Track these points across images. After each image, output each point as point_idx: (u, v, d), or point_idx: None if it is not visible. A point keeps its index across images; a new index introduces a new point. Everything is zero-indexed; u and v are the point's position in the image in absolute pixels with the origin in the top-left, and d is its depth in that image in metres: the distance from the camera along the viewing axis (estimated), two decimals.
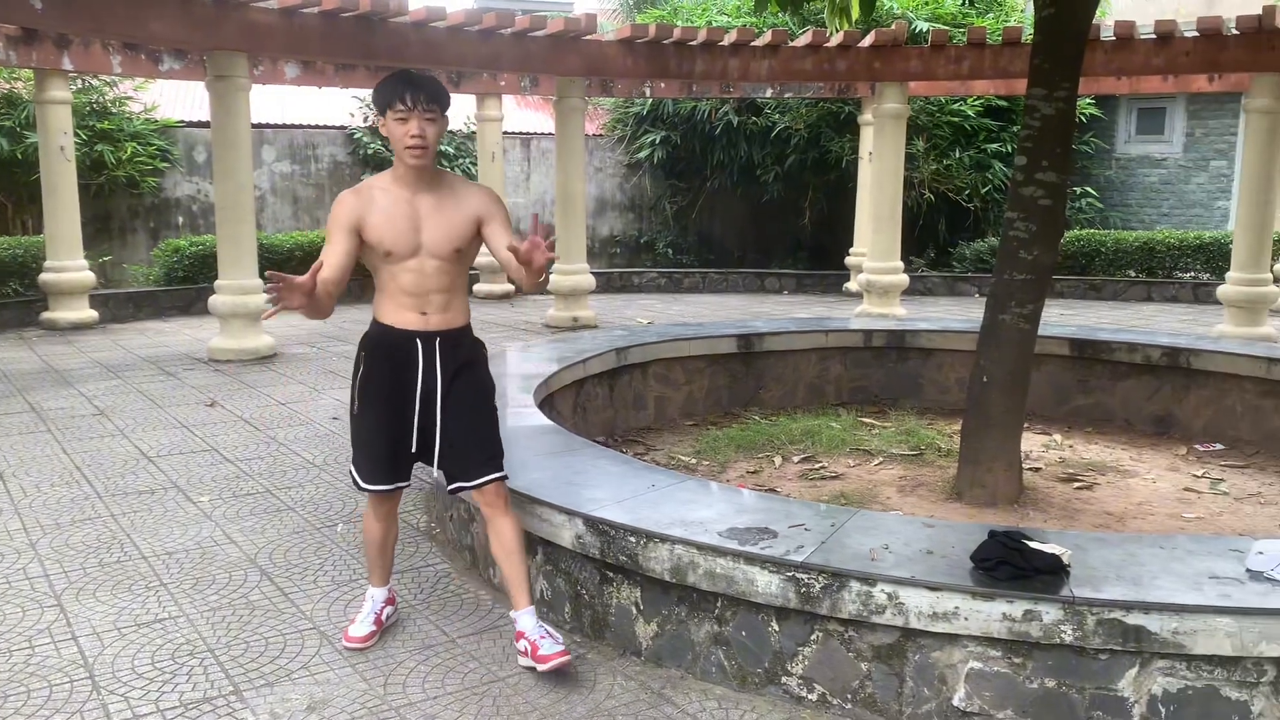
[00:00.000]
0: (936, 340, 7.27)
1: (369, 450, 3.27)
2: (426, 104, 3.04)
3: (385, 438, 3.23)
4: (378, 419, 3.22)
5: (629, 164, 17.41)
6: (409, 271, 3.14)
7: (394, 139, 3.08)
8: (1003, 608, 2.64)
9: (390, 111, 3.05)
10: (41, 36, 9.44)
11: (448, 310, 3.21)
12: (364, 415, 3.26)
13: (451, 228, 3.16)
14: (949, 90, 12.89)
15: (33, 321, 10.77)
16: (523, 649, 3.17)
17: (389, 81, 3.09)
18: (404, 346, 3.19)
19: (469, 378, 3.25)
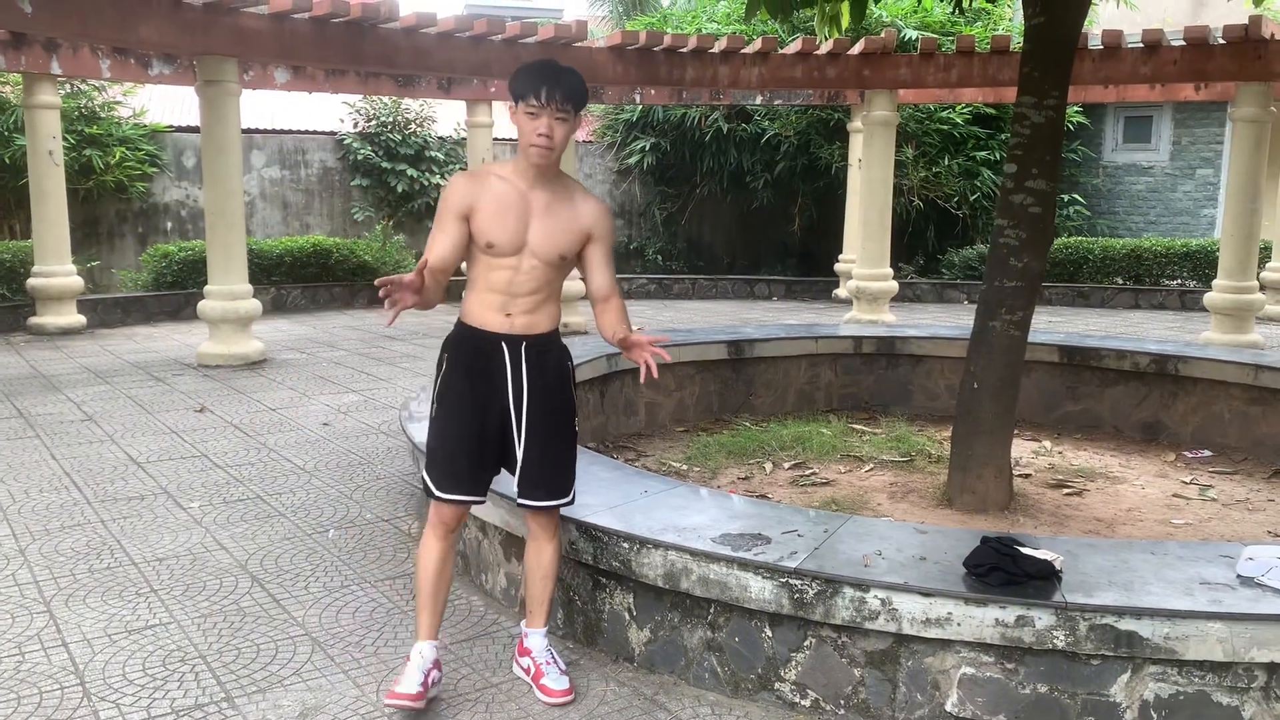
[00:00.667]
0: (926, 347, 7.29)
1: (446, 456, 3.01)
2: (561, 103, 2.87)
3: (465, 445, 3.00)
4: (458, 424, 3.00)
5: (619, 170, 17.46)
6: (505, 269, 2.97)
7: (521, 132, 2.91)
8: (995, 613, 2.65)
9: (523, 103, 2.88)
10: (30, 40, 9.41)
11: (535, 313, 3.02)
12: (443, 419, 3.03)
13: (561, 232, 3.00)
14: (938, 98, 12.96)
15: (20, 327, 10.72)
16: (526, 666, 3.14)
17: (528, 72, 2.91)
18: (487, 349, 3.00)
19: (557, 395, 3.10)
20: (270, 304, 12.22)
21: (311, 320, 12.12)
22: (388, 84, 11.92)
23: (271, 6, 8.19)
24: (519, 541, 3.57)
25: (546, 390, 3.05)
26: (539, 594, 3.16)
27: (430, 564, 3.04)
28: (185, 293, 12.05)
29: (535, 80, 2.88)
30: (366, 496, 5.09)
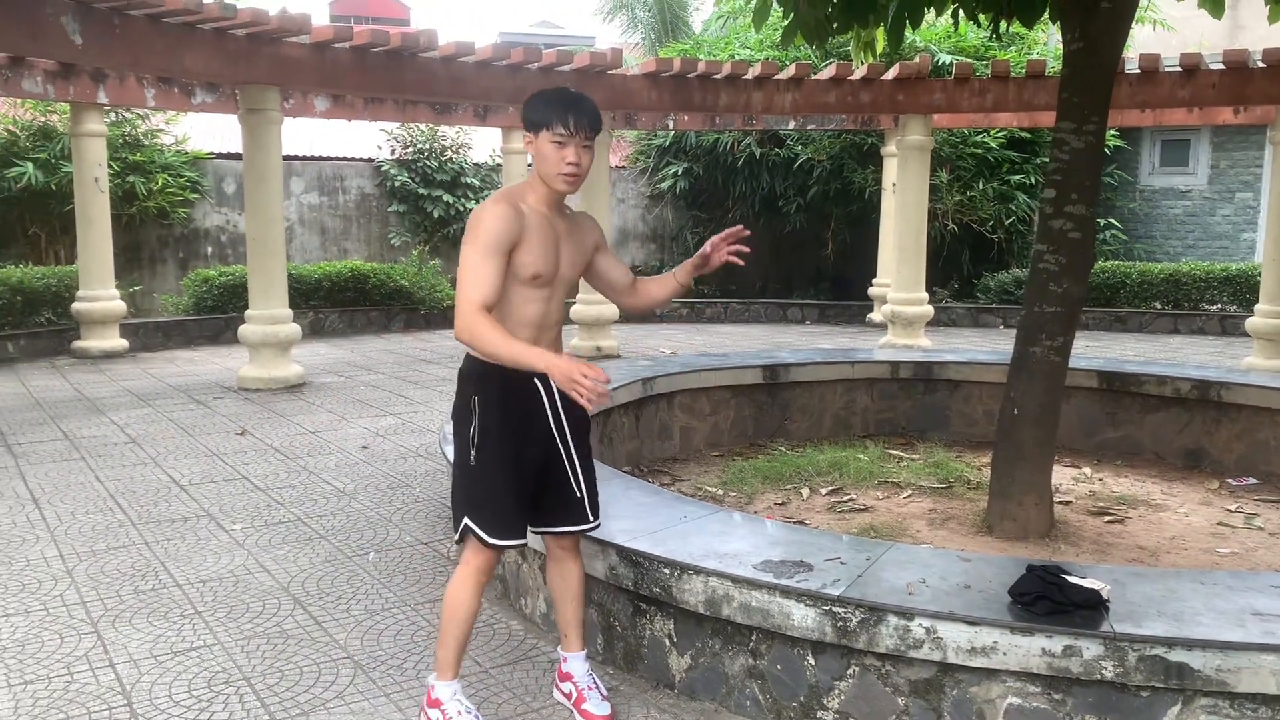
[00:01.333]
0: (964, 372, 7.25)
1: (496, 502, 2.90)
2: (588, 130, 2.85)
3: (512, 488, 2.92)
4: (503, 469, 2.90)
5: (651, 195, 17.54)
6: (540, 300, 2.92)
7: (544, 161, 2.86)
8: (1042, 643, 2.63)
9: (547, 131, 2.83)
10: (78, 71, 9.63)
11: (557, 343, 3.01)
12: (486, 465, 2.90)
13: (579, 255, 3.04)
14: (972, 122, 12.94)
15: (65, 350, 10.91)
16: (567, 691, 3.13)
17: (550, 101, 2.86)
18: (522, 387, 2.92)
19: (584, 421, 3.07)
20: (308, 328, 12.36)
21: (349, 344, 12.24)
22: (425, 111, 12.07)
23: (313, 36, 8.33)
24: None
25: (578, 419, 3.03)
26: (573, 616, 3.15)
27: (471, 608, 2.95)
28: (225, 317, 12.22)
29: (561, 109, 2.84)
30: (405, 519, 5.13)
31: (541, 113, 2.85)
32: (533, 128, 2.88)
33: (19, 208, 12.88)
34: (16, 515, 5.12)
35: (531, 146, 2.91)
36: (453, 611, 2.94)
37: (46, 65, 9.40)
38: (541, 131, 2.85)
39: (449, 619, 2.95)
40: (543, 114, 2.85)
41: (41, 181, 12.51)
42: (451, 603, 2.94)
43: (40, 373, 9.77)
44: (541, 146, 2.86)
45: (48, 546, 4.64)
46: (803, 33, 5.44)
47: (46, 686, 3.28)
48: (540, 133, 2.86)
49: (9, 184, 12.50)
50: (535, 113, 2.87)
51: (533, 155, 2.91)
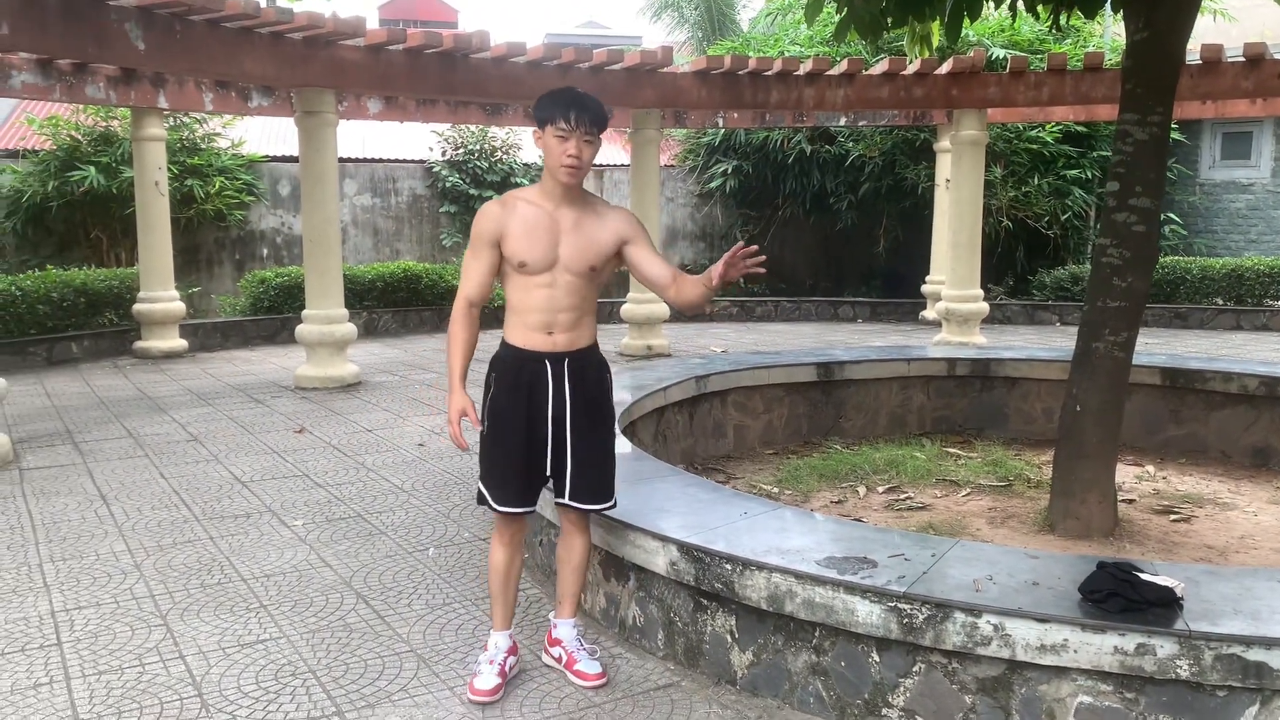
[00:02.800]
0: (1022, 369, 7.15)
1: (500, 472, 3.19)
2: (589, 126, 3.05)
3: (516, 459, 3.17)
4: (508, 441, 3.17)
5: (700, 193, 17.51)
6: (541, 287, 3.13)
7: (549, 154, 3.07)
8: (1114, 640, 2.58)
9: (551, 127, 3.04)
10: (139, 76, 9.83)
11: (574, 329, 3.19)
12: (494, 437, 3.19)
13: (591, 244, 3.16)
14: (1027, 117, 12.74)
15: (126, 350, 11.14)
16: (557, 655, 3.37)
17: (555, 98, 3.08)
18: (532, 368, 3.17)
19: (597, 404, 3.26)
20: (362, 328, 12.49)
21: (402, 344, 12.36)
22: (476, 112, 12.15)
23: (368, 39, 8.42)
24: (617, 561, 3.59)
25: (589, 403, 3.23)
26: (571, 586, 3.38)
27: (500, 565, 3.29)
28: (281, 317, 12.41)
29: (563, 105, 3.04)
30: (463, 515, 5.17)
31: (548, 109, 3.07)
32: (540, 123, 3.09)
33: (81, 211, 13.18)
34: (85, 511, 5.23)
35: (540, 142, 3.12)
36: (493, 575, 3.31)
37: (109, 71, 9.60)
38: (547, 126, 3.06)
39: (492, 583, 3.33)
40: (549, 110, 3.06)
41: (103, 185, 12.79)
42: (490, 567, 3.32)
43: (103, 372, 9.99)
44: (547, 140, 3.08)
45: (116, 541, 4.74)
46: (856, 28, 5.39)
47: (119, 677, 3.35)
48: (546, 127, 3.07)
49: (72, 188, 12.80)
50: (543, 110, 3.09)
51: (541, 149, 3.13)
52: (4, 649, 3.56)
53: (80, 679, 3.33)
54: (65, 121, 13.35)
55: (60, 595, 4.06)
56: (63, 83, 9.32)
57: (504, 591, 3.30)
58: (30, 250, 13.25)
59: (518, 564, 3.33)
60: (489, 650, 3.29)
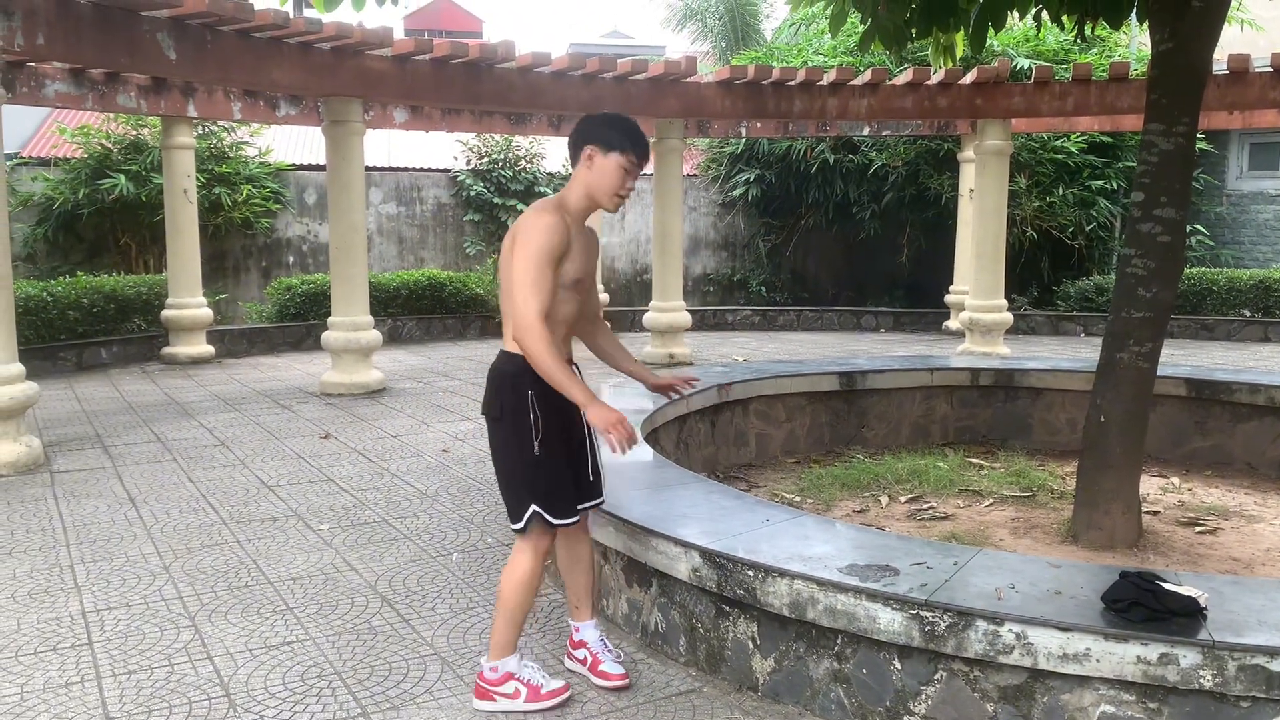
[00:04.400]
0: (1047, 379, 7.12)
1: (560, 488, 3.14)
2: (643, 167, 3.19)
3: (568, 474, 3.20)
4: (561, 459, 3.15)
5: (723, 203, 17.54)
6: (575, 302, 3.18)
7: (605, 178, 3.08)
8: (1137, 650, 2.58)
9: (619, 155, 3.07)
10: (169, 85, 9.97)
11: (568, 340, 3.31)
12: (550, 458, 3.10)
13: (594, 262, 3.31)
14: (1052, 127, 12.71)
15: (154, 356, 11.28)
16: (582, 658, 3.37)
17: (630, 130, 3.11)
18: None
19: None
20: (387, 335, 12.59)
21: (426, 351, 12.45)
22: (501, 122, 12.24)
23: (395, 49, 8.52)
24: (639, 567, 3.62)
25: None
26: (585, 586, 3.40)
27: (538, 587, 3.22)
28: (307, 324, 12.52)
29: (639, 141, 3.10)
30: (486, 521, 5.20)
31: (619, 139, 3.08)
32: (605, 145, 3.08)
33: (111, 218, 13.36)
34: (115, 514, 5.31)
35: (591, 161, 3.10)
36: (525, 594, 3.16)
37: (140, 80, 9.74)
38: (613, 153, 3.07)
39: (518, 601, 3.16)
40: (620, 140, 3.08)
41: (132, 193, 12.96)
42: (521, 586, 3.15)
43: (131, 377, 10.11)
44: (608, 165, 3.08)
45: (145, 544, 4.80)
46: (881, 38, 5.42)
47: (149, 676, 3.40)
48: (611, 153, 3.07)
49: (102, 195, 12.97)
50: (613, 135, 3.09)
51: (590, 169, 3.10)
52: (37, 648, 3.62)
53: (111, 678, 3.39)
54: (96, 130, 13.54)
55: (91, 596, 4.13)
56: (95, 92, 9.47)
57: (527, 616, 3.26)
58: (61, 257, 13.44)
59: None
60: (531, 667, 3.22)
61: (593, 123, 3.14)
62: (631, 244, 17.24)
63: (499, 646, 3.18)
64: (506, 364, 3.12)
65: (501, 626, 3.17)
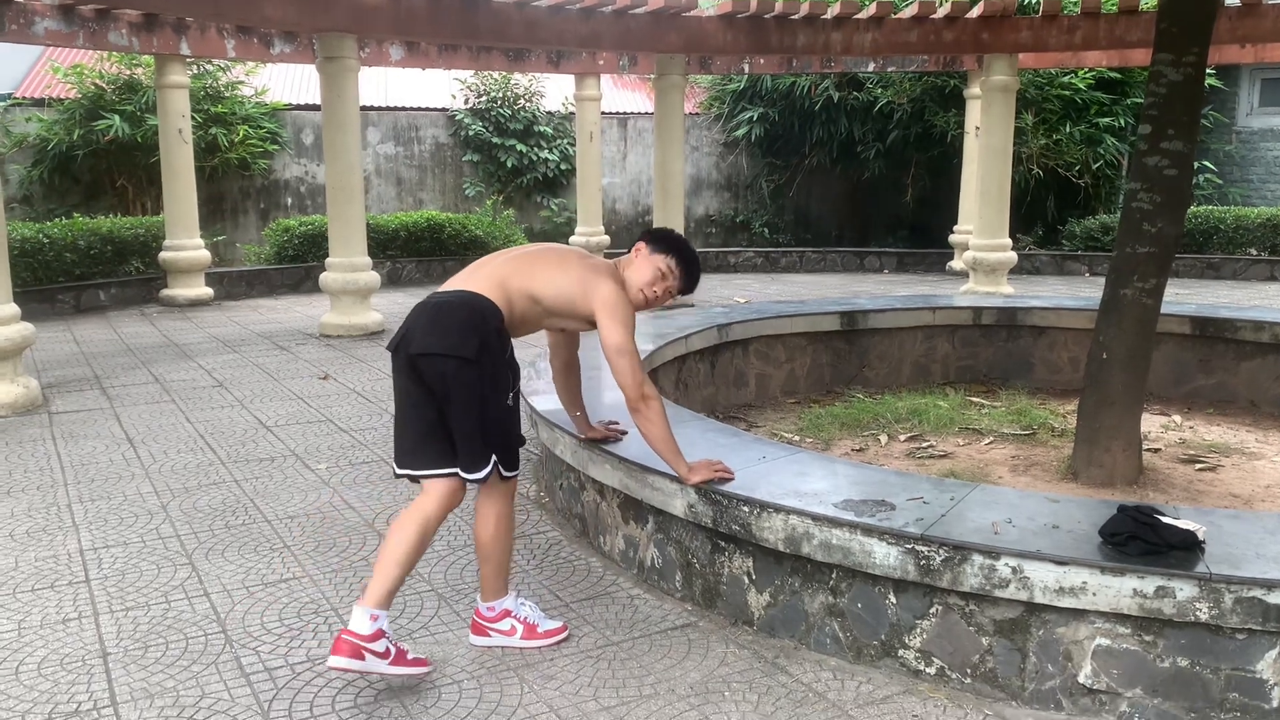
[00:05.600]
0: (1049, 318, 7.07)
1: (517, 441, 3.11)
2: (682, 288, 3.30)
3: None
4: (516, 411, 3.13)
5: (725, 142, 17.32)
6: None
7: (642, 273, 3.21)
8: (1133, 583, 2.56)
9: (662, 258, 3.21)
10: (161, 22, 9.79)
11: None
12: (515, 407, 3.09)
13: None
14: (1060, 62, 12.48)
15: (153, 298, 11.23)
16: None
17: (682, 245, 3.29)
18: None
19: None
20: (386, 277, 12.52)
21: (425, 293, 12.30)
22: (499, 59, 12.04)
23: None
24: (636, 504, 3.60)
25: None
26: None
27: (511, 529, 3.19)
28: (306, 266, 12.44)
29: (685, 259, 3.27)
30: None
31: (668, 247, 3.25)
32: (653, 246, 3.25)
33: (107, 159, 13.23)
34: (114, 454, 5.30)
35: (638, 253, 3.26)
36: (502, 540, 3.13)
37: (131, 17, 9.57)
38: (658, 254, 3.23)
39: (498, 549, 3.13)
40: (667, 247, 3.24)
41: (128, 134, 12.81)
42: (497, 535, 3.11)
43: (130, 320, 10.08)
44: (649, 261, 3.23)
45: (143, 483, 4.80)
46: None
47: (146, 613, 3.40)
48: (656, 254, 3.23)
49: (97, 136, 12.83)
50: (665, 243, 3.26)
51: (634, 259, 3.26)
52: (34, 585, 3.63)
53: (108, 614, 3.39)
54: (90, 70, 13.34)
55: (89, 534, 4.13)
56: (85, 29, 9.30)
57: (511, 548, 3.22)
58: (57, 199, 13.33)
59: None
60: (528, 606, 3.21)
61: (657, 231, 3.35)
62: (633, 184, 17.07)
63: (490, 590, 3.16)
64: (484, 303, 3.00)
65: (489, 574, 3.15)
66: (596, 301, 3.07)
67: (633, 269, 3.22)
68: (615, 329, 3.05)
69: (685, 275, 3.26)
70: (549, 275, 3.12)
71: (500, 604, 3.16)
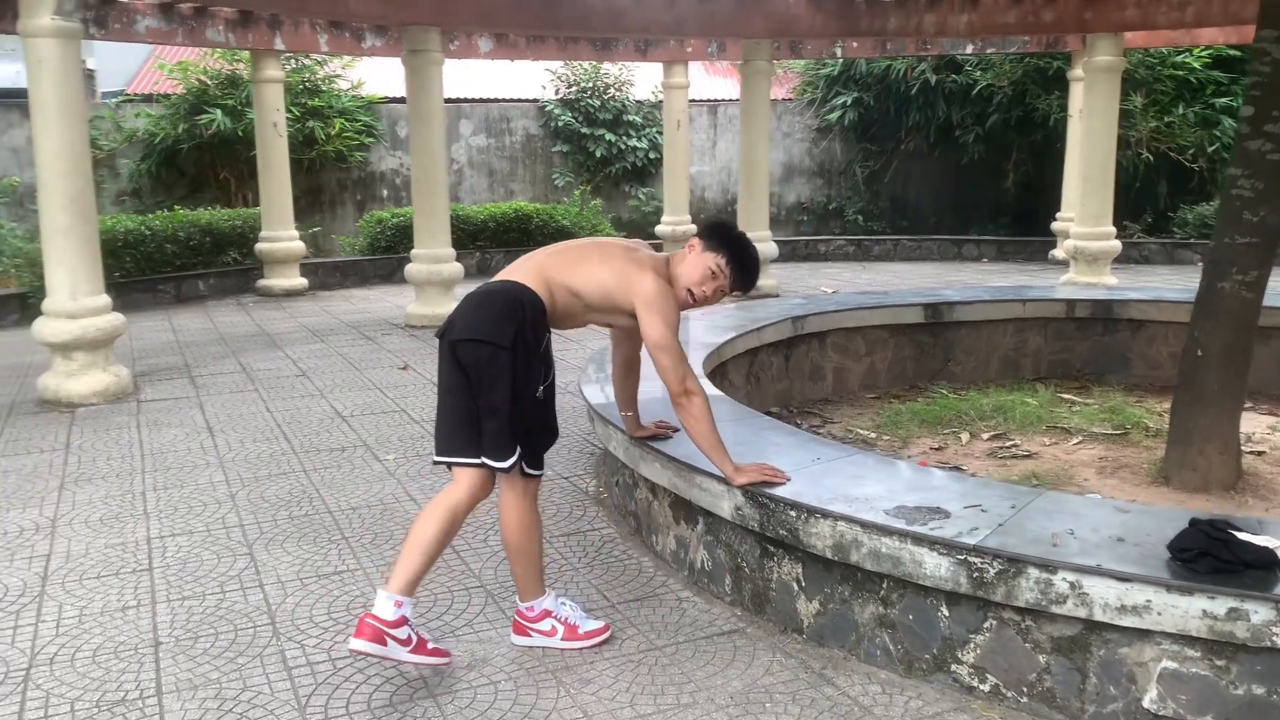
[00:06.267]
0: (1148, 311, 6.71)
1: (544, 438, 3.08)
2: (739, 289, 3.16)
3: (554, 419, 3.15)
4: (547, 409, 3.06)
5: (818, 128, 17.01)
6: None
7: (692, 269, 3.08)
8: (1203, 604, 2.37)
9: (713, 256, 3.07)
10: (255, 18, 10.03)
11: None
12: (546, 402, 3.02)
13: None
14: (1171, 41, 11.87)
15: (250, 288, 11.55)
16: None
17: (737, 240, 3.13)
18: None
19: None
20: (475, 268, 12.61)
21: None
22: (586, 48, 12.01)
23: None
24: (686, 504, 3.51)
25: None
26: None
27: (536, 523, 3.11)
28: (398, 256, 12.62)
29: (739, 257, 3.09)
30: (550, 455, 5.10)
31: (721, 244, 3.09)
32: (706, 242, 3.10)
33: (210, 153, 13.64)
34: (192, 442, 5.44)
35: (693, 253, 3.10)
36: (529, 534, 3.06)
37: (227, 14, 9.82)
38: (709, 252, 3.07)
39: (525, 545, 3.06)
40: (720, 245, 3.09)
41: (229, 128, 13.18)
42: (522, 529, 3.05)
43: (227, 309, 10.38)
44: (700, 259, 3.08)
45: (216, 472, 4.90)
46: None
47: (201, 603, 3.46)
48: (708, 251, 3.07)
49: (200, 131, 13.24)
50: (719, 239, 3.11)
51: (689, 258, 3.10)
52: (100, 572, 3.72)
53: (165, 603, 3.45)
54: (194, 66, 13.77)
55: (157, 523, 4.22)
56: (184, 26, 9.59)
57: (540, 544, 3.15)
58: (165, 191, 13.81)
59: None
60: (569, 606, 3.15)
61: (714, 224, 3.20)
62: (722, 172, 16.90)
63: (526, 590, 3.11)
64: (525, 293, 2.96)
65: (520, 574, 3.10)
66: (636, 296, 2.98)
67: (684, 265, 3.10)
68: (655, 324, 2.96)
69: (738, 275, 3.10)
70: (589, 269, 3.05)
71: (539, 604, 3.11)
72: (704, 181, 16.73)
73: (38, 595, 3.53)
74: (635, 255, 3.12)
